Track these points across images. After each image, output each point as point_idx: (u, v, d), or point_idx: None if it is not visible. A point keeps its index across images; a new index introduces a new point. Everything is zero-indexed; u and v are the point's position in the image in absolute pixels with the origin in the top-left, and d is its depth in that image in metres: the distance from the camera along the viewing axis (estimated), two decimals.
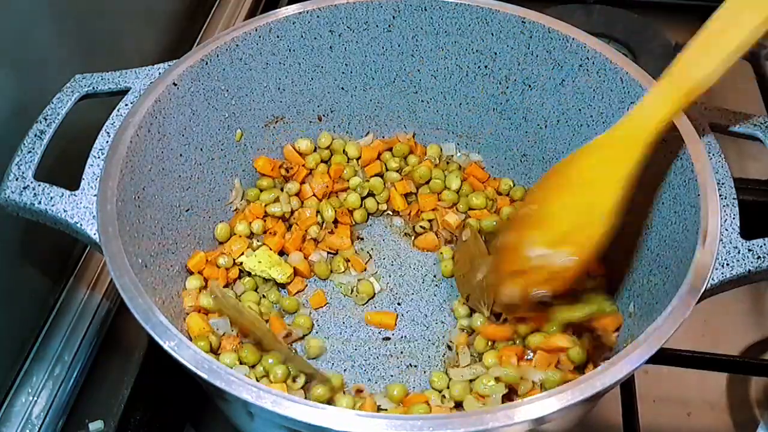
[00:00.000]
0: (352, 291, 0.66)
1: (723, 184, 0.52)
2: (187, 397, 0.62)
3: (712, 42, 0.47)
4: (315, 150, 0.72)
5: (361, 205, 0.71)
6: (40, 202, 0.51)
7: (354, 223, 0.70)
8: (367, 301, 0.66)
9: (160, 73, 0.59)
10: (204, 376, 0.42)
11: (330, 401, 0.56)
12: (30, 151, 0.53)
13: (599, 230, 0.51)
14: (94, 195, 0.51)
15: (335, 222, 0.69)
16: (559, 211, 0.53)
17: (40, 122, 0.54)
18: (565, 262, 0.52)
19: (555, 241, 0.52)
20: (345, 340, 0.63)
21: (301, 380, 0.56)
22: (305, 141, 0.71)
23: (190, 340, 0.56)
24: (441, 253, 0.68)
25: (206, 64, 0.61)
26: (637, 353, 0.44)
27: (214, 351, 0.59)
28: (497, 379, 0.56)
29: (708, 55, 0.47)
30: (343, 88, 0.71)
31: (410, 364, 0.61)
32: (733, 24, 0.46)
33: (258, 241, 0.67)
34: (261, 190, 0.69)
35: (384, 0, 0.65)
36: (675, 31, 0.92)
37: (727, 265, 0.48)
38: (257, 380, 0.56)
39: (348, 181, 0.71)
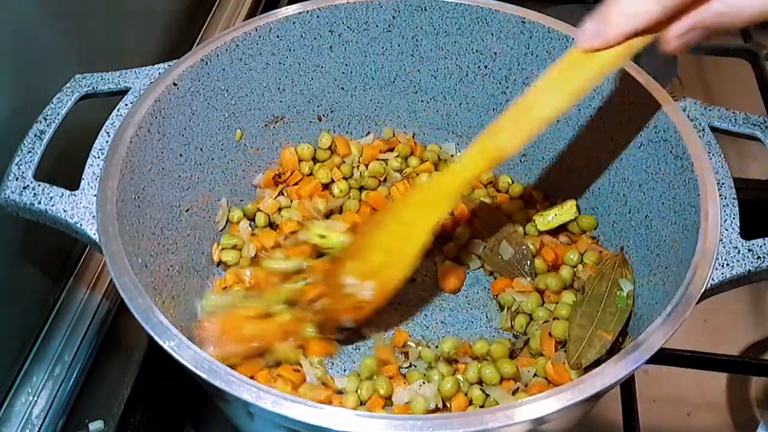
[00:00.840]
0: None
1: (723, 184, 0.52)
2: (187, 397, 0.62)
3: (518, 119, 0.52)
4: (315, 152, 0.72)
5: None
6: (40, 202, 0.51)
7: None
8: None
9: (160, 73, 0.59)
10: (204, 376, 0.42)
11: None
12: (30, 151, 0.53)
13: (403, 270, 0.56)
14: (94, 195, 0.51)
15: None
16: (376, 245, 0.57)
17: (40, 122, 0.54)
18: (367, 295, 0.56)
19: (365, 273, 0.56)
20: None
21: None
22: (305, 146, 0.71)
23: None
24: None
25: (206, 64, 0.61)
26: (637, 353, 0.44)
27: None
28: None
29: (514, 129, 0.52)
30: (343, 88, 0.71)
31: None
32: (537, 105, 0.51)
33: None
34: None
35: (384, 0, 0.65)
36: None
37: (727, 265, 0.48)
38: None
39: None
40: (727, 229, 0.50)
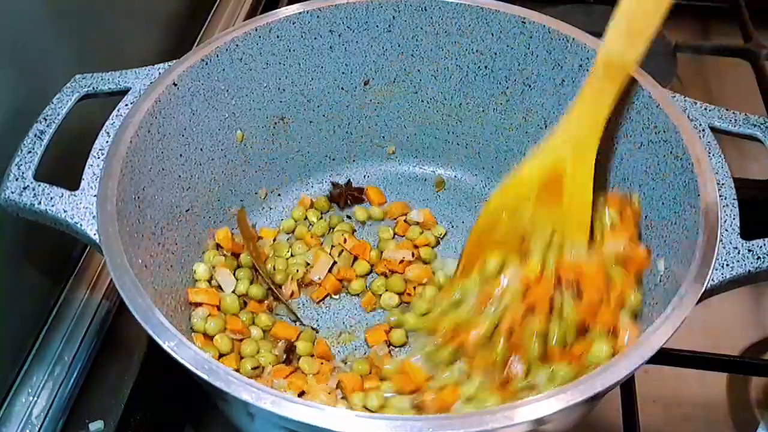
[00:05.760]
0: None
1: (723, 184, 0.52)
2: (187, 397, 0.62)
3: (630, 22, 0.47)
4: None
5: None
6: (40, 203, 0.51)
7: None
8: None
9: (160, 73, 0.59)
10: (204, 376, 0.42)
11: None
12: (30, 151, 0.53)
13: (588, 217, 0.54)
14: (94, 195, 0.51)
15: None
16: (545, 219, 0.55)
17: (40, 122, 0.54)
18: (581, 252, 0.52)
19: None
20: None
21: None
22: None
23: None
24: None
25: (206, 64, 0.61)
26: (637, 353, 0.44)
27: None
28: None
29: (631, 35, 0.47)
30: (343, 88, 0.71)
31: None
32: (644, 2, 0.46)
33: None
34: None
35: (384, 0, 0.65)
36: (675, 31, 0.92)
37: (727, 265, 0.48)
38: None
39: None
40: (727, 230, 0.50)
